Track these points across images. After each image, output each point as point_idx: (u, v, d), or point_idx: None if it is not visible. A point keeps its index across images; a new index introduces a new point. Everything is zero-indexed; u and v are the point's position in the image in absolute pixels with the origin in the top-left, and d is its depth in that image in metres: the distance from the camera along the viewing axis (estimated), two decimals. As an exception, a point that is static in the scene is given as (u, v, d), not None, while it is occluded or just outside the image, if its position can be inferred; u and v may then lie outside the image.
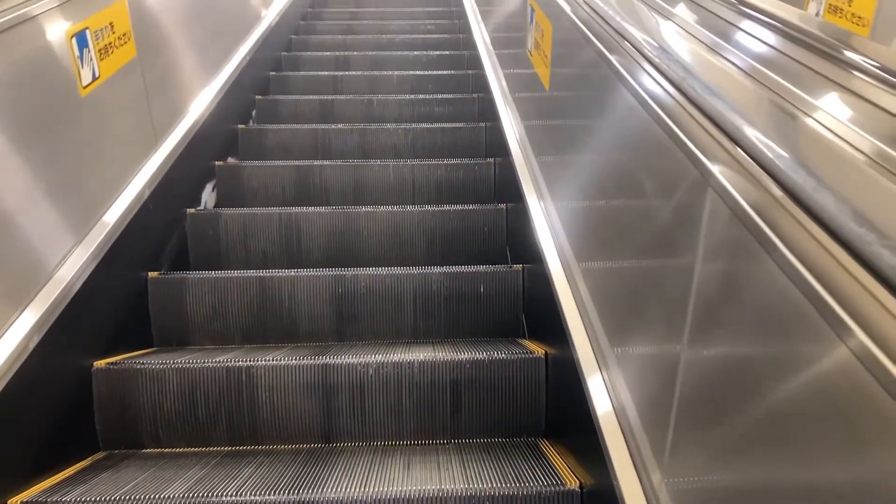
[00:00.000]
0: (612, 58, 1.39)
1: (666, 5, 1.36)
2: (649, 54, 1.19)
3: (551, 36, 1.98)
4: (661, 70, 1.12)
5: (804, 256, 0.67)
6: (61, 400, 1.72)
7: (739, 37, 1.10)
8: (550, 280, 1.80)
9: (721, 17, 1.18)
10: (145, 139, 2.34)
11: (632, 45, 1.29)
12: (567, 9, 1.77)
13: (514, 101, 2.73)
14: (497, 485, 1.50)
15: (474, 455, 1.74)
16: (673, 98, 1.05)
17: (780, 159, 0.75)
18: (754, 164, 0.78)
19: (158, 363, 1.86)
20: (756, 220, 0.75)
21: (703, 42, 1.13)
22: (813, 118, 0.80)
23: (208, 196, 2.91)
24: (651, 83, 1.15)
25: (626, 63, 1.30)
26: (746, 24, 1.11)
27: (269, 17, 4.17)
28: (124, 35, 2.16)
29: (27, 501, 1.46)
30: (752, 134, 0.82)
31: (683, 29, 1.22)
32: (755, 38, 1.05)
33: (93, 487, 1.55)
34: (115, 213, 2.03)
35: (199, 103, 2.84)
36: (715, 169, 0.87)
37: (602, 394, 1.36)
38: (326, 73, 4.16)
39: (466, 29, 4.39)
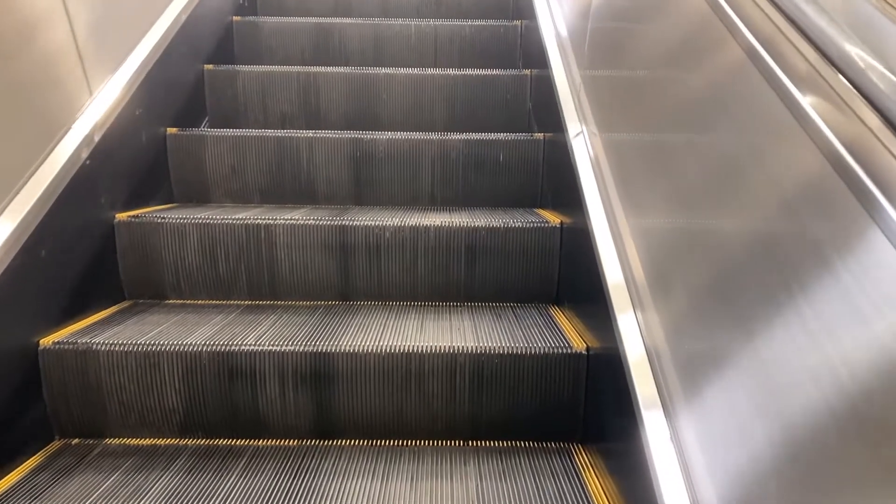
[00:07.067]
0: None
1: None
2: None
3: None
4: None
5: None
6: (86, 249, 1.77)
7: None
8: (570, 150, 1.77)
9: None
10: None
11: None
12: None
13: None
14: (506, 344, 1.55)
15: (486, 317, 1.79)
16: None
17: None
18: None
19: (179, 217, 1.89)
20: None
21: None
22: None
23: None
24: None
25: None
26: None
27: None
28: None
29: (58, 342, 1.54)
30: None
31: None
32: None
33: (120, 332, 1.62)
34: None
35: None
36: None
37: (614, 263, 1.37)
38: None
39: None
